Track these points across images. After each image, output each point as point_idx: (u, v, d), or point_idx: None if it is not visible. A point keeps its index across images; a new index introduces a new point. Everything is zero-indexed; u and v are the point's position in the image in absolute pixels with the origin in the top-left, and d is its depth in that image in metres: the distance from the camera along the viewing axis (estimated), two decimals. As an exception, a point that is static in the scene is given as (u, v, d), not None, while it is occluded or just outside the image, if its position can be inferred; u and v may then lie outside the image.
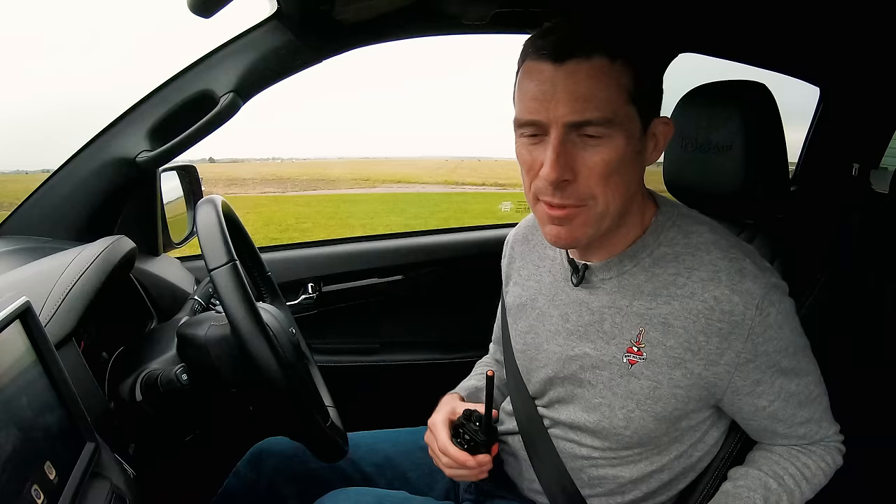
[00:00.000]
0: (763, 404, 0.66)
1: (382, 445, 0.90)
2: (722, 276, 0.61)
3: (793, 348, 0.65)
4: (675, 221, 0.66)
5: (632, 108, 0.58)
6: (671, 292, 0.63)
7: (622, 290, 0.65)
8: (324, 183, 21.23)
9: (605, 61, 0.56)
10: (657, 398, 0.65)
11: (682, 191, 0.95)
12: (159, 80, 1.04)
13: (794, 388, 0.66)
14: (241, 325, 0.65)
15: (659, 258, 0.64)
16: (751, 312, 0.61)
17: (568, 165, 0.57)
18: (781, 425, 0.68)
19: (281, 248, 1.44)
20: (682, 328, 0.62)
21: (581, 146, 0.57)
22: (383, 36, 1.15)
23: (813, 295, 0.79)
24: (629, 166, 0.59)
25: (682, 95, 0.92)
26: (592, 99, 0.55)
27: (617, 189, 0.59)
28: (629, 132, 0.58)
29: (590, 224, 0.60)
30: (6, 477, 0.44)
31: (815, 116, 1.73)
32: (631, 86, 0.57)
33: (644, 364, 0.64)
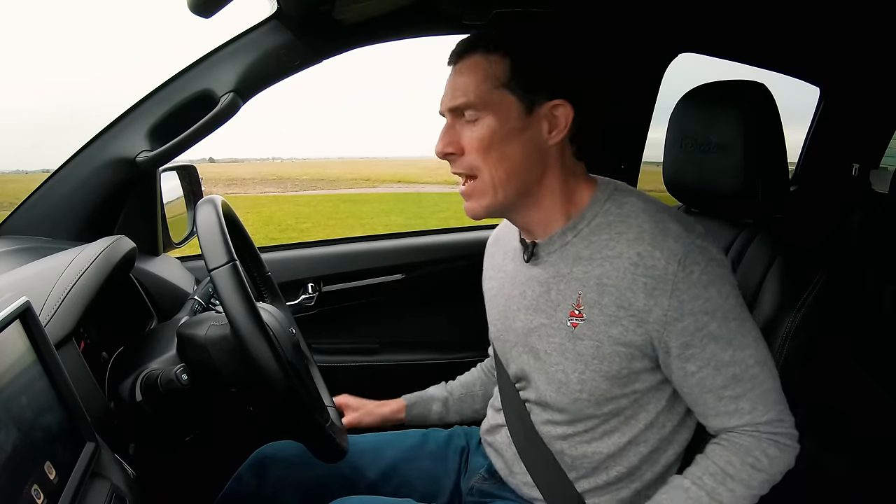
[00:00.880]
0: (692, 369, 0.67)
1: (387, 451, 0.90)
2: (646, 236, 0.66)
3: (722, 313, 0.65)
4: (609, 195, 0.72)
5: (505, 93, 0.67)
6: (603, 255, 0.68)
7: (564, 260, 0.72)
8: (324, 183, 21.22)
9: (479, 58, 0.68)
10: (602, 357, 0.68)
11: (681, 191, 0.95)
12: (159, 81, 1.04)
13: (726, 359, 0.66)
14: (241, 325, 0.65)
15: (595, 227, 0.70)
16: (673, 268, 0.64)
17: (452, 142, 0.70)
18: (711, 396, 0.67)
19: (281, 248, 1.44)
20: (613, 286, 0.67)
21: (464, 127, 0.69)
22: (383, 36, 1.15)
23: (812, 295, 0.79)
24: (509, 142, 0.68)
25: (682, 95, 0.92)
26: (463, 87, 0.68)
27: (499, 162, 0.68)
28: (503, 112, 0.67)
29: (484, 194, 0.70)
30: (6, 477, 0.44)
31: (815, 116, 1.73)
32: (504, 75, 0.67)
33: (585, 325, 0.69)
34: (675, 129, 0.92)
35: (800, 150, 1.83)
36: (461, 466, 0.89)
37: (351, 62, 32.96)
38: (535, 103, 0.68)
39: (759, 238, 0.85)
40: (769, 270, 0.81)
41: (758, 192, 0.82)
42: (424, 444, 0.91)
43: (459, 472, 0.89)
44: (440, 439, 0.92)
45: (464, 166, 0.70)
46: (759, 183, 0.81)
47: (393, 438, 0.93)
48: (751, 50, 1.46)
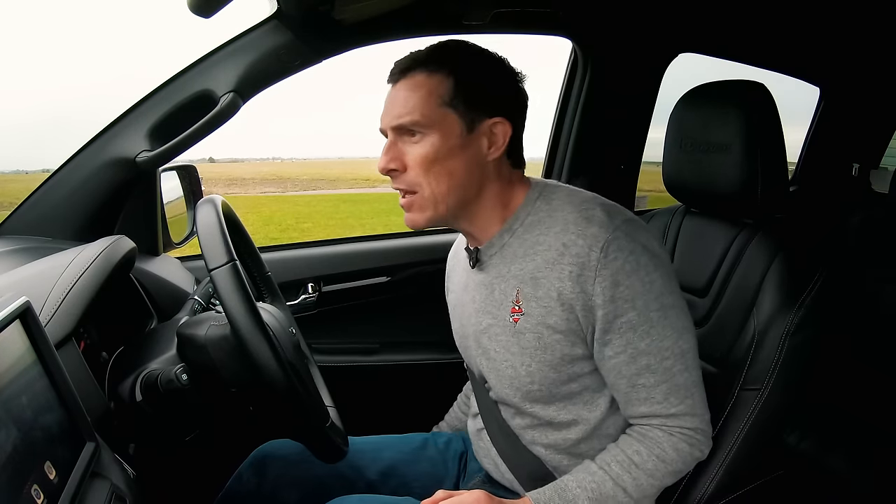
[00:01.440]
0: (609, 353, 0.68)
1: (387, 452, 0.90)
2: (570, 226, 0.68)
3: (643, 302, 0.66)
4: (540, 193, 0.74)
5: (448, 111, 0.69)
6: (535, 250, 0.71)
7: (503, 260, 0.74)
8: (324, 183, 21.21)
9: (422, 77, 0.69)
10: (544, 347, 0.70)
11: (681, 191, 0.95)
12: (159, 81, 1.04)
13: (643, 347, 0.67)
14: (241, 325, 0.65)
15: (528, 226, 0.72)
16: (595, 254, 0.66)
17: (395, 159, 0.70)
18: (624, 383, 0.69)
19: (281, 248, 1.43)
20: (544, 279, 0.69)
21: (407, 144, 0.70)
22: (383, 36, 1.15)
23: (812, 294, 0.79)
24: (451, 159, 0.69)
25: (682, 95, 0.92)
26: (405, 106, 0.69)
27: (440, 177, 0.69)
28: (445, 130, 0.69)
29: (424, 208, 0.71)
30: (6, 477, 0.44)
31: (815, 116, 1.73)
32: (447, 93, 0.68)
33: (524, 319, 0.71)
34: (675, 129, 0.92)
35: (800, 150, 1.83)
36: (460, 470, 0.90)
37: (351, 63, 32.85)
38: (475, 121, 0.70)
39: (758, 238, 0.85)
40: (769, 270, 0.81)
41: (758, 192, 0.82)
42: (424, 448, 0.92)
43: (458, 476, 0.89)
44: (440, 444, 0.92)
45: (406, 182, 0.71)
46: (759, 183, 0.81)
47: (393, 441, 0.93)
48: (751, 50, 1.46)
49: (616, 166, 1.49)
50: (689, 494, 0.80)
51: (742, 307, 0.83)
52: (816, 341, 0.80)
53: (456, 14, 1.13)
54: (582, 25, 1.35)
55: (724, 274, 0.87)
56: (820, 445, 1.21)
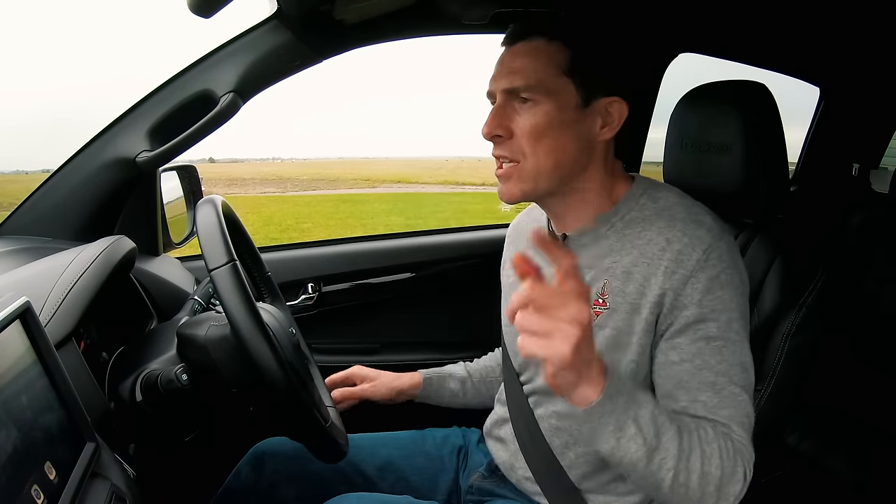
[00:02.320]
0: (674, 359, 0.64)
1: (384, 449, 0.91)
2: (677, 223, 0.66)
3: (727, 317, 0.63)
4: (645, 190, 0.72)
5: (566, 80, 0.66)
6: (634, 244, 0.67)
7: (595, 252, 0.70)
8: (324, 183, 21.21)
9: (541, 42, 0.66)
10: (619, 346, 0.67)
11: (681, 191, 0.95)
12: (159, 81, 1.04)
13: (713, 363, 0.62)
14: (241, 325, 0.65)
15: (630, 221, 0.69)
16: (697, 255, 0.63)
17: (503, 125, 0.67)
18: (684, 396, 0.63)
19: (281, 248, 1.43)
20: (638, 273, 0.66)
21: (518, 110, 0.67)
22: (383, 36, 1.15)
23: (812, 294, 0.79)
24: (563, 132, 0.66)
25: (682, 95, 0.92)
26: (523, 70, 0.66)
27: (549, 150, 0.66)
28: (561, 101, 0.66)
29: (524, 179, 0.68)
30: (6, 477, 0.44)
31: (815, 116, 1.73)
32: (565, 62, 0.66)
33: (607, 314, 0.68)
34: (675, 130, 0.92)
35: (800, 150, 1.83)
36: (459, 465, 0.90)
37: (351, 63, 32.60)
38: (592, 97, 0.67)
39: (759, 238, 0.85)
40: (769, 270, 0.81)
41: (758, 192, 0.82)
42: (422, 443, 0.92)
43: (458, 470, 0.89)
44: (437, 439, 0.92)
45: (511, 150, 0.68)
46: (760, 183, 0.81)
47: (391, 437, 0.93)
48: (751, 50, 1.46)
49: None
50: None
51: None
52: (817, 341, 0.80)
53: (456, 14, 1.13)
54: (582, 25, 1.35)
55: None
56: (820, 446, 1.20)
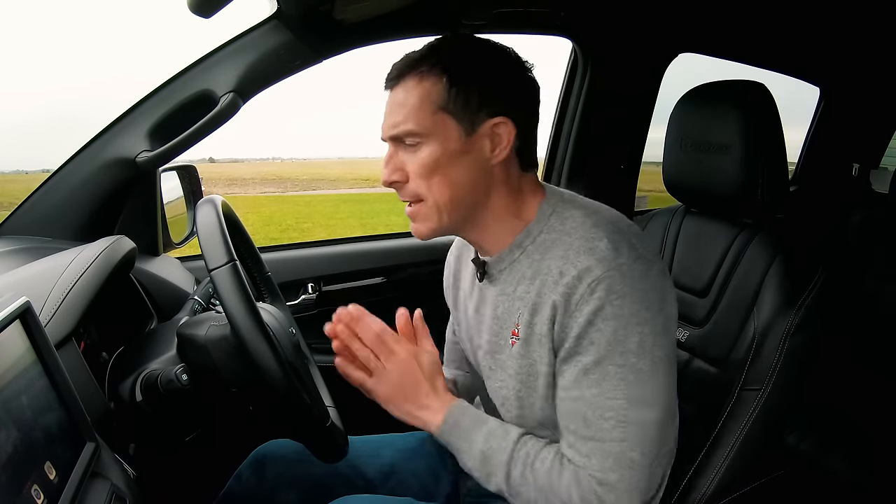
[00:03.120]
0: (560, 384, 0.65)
1: (385, 451, 0.90)
2: (570, 253, 0.64)
3: (606, 351, 0.60)
4: (555, 208, 0.69)
5: (442, 116, 0.65)
6: (539, 274, 0.67)
7: (511, 278, 0.70)
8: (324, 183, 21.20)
9: (413, 80, 0.66)
10: (535, 375, 0.67)
11: (681, 191, 0.95)
12: (159, 81, 1.04)
13: (587, 395, 0.62)
14: (241, 325, 0.65)
15: (540, 244, 0.68)
16: (582, 288, 0.61)
17: (398, 169, 0.68)
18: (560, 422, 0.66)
19: (281, 248, 1.43)
20: (542, 305, 0.65)
21: (406, 153, 0.67)
22: (383, 36, 1.15)
23: (812, 295, 0.79)
24: (452, 166, 0.66)
25: (682, 95, 0.92)
26: (399, 114, 0.66)
27: (442, 186, 0.66)
28: (442, 137, 0.65)
29: (430, 218, 0.68)
30: (6, 477, 0.44)
31: (815, 116, 1.73)
32: (440, 97, 0.65)
33: (520, 344, 0.68)
34: (675, 129, 0.92)
35: (800, 150, 1.83)
36: (458, 468, 0.90)
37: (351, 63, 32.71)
38: (475, 123, 0.65)
39: (758, 238, 0.85)
40: (769, 270, 0.81)
41: (758, 192, 0.82)
42: (422, 447, 0.92)
43: (457, 474, 0.89)
44: (438, 442, 0.92)
45: (409, 193, 0.68)
46: (759, 183, 0.81)
47: (391, 440, 0.93)
48: (751, 50, 1.46)
49: (616, 166, 1.49)
50: (689, 494, 0.80)
51: (742, 307, 0.83)
52: (817, 341, 0.80)
53: (456, 14, 1.13)
54: (582, 26, 1.35)
55: (724, 274, 0.87)
56: (820, 446, 1.21)
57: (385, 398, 0.71)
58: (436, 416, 0.70)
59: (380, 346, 0.71)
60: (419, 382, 0.70)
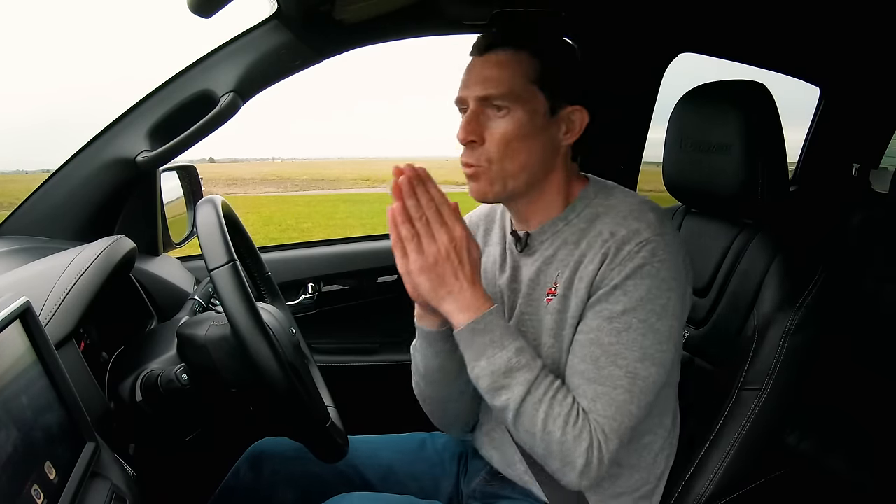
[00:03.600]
0: (580, 328, 0.69)
1: (384, 453, 0.90)
2: (620, 218, 0.70)
3: (634, 306, 0.65)
4: (600, 190, 0.75)
5: (535, 89, 0.69)
6: (585, 238, 0.71)
7: (550, 246, 0.75)
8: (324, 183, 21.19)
9: (510, 53, 0.69)
10: (563, 325, 0.71)
11: (681, 191, 0.95)
12: (160, 81, 1.04)
13: (605, 341, 0.66)
14: (241, 325, 0.65)
15: (584, 217, 0.73)
16: (629, 247, 0.67)
17: (476, 131, 0.69)
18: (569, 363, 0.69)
19: (281, 248, 1.44)
20: (585, 262, 0.70)
21: (490, 117, 0.70)
22: (383, 36, 1.15)
23: (812, 294, 0.79)
24: (532, 139, 0.70)
25: (682, 95, 0.92)
26: (495, 80, 0.69)
27: (516, 155, 0.69)
28: (531, 108, 0.69)
29: (493, 182, 0.71)
30: (6, 477, 0.44)
31: (815, 116, 1.73)
32: (533, 73, 0.69)
33: (557, 300, 0.72)
34: (675, 130, 0.92)
35: (800, 150, 1.83)
36: (460, 470, 0.90)
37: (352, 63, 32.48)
38: (558, 105, 0.71)
39: (758, 238, 0.85)
40: (769, 270, 0.81)
41: (758, 192, 0.82)
42: (422, 449, 0.91)
43: (458, 475, 0.89)
44: (438, 445, 0.92)
45: (481, 156, 0.70)
46: (759, 183, 0.81)
47: (391, 441, 0.93)
48: (751, 50, 1.46)
49: (616, 166, 1.49)
50: (688, 494, 0.80)
51: (742, 307, 0.83)
52: (816, 341, 0.80)
53: (456, 14, 1.13)
54: (582, 25, 1.35)
55: (724, 274, 0.87)
56: (820, 446, 1.21)
57: (421, 268, 0.65)
58: (465, 312, 0.66)
59: (436, 215, 0.65)
60: (461, 268, 0.66)
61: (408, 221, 0.65)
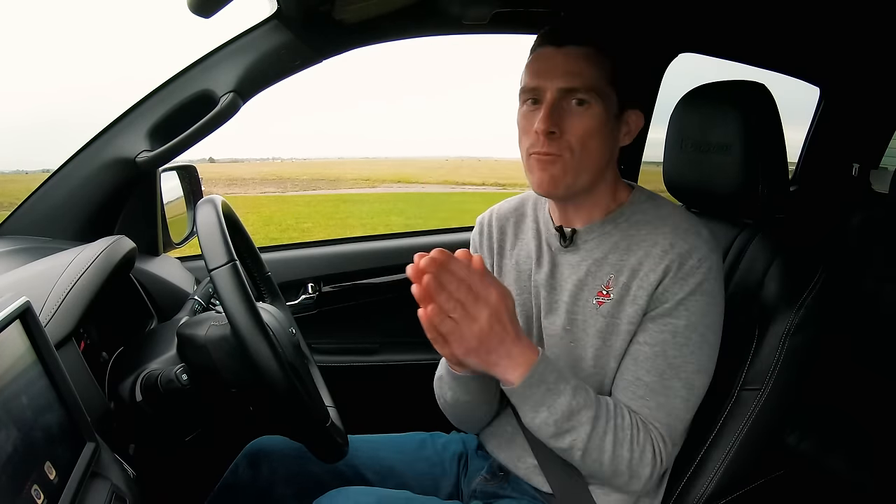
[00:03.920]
0: (640, 339, 0.71)
1: (384, 452, 0.90)
2: (680, 231, 0.72)
3: (696, 321, 0.69)
4: (649, 197, 0.78)
5: (612, 89, 0.71)
6: (640, 246, 0.73)
7: (601, 247, 0.76)
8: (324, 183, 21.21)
9: (592, 50, 0.71)
10: (616, 333, 0.73)
11: (681, 191, 0.95)
12: (160, 81, 1.04)
13: (670, 354, 0.70)
14: (241, 325, 0.65)
15: (634, 222, 0.75)
16: (692, 261, 0.70)
17: (557, 123, 0.70)
18: (631, 371, 0.71)
19: (281, 248, 1.44)
20: (642, 271, 0.72)
21: (569, 110, 0.71)
22: (383, 36, 1.15)
23: (812, 295, 0.79)
24: (603, 137, 0.72)
25: (682, 95, 0.92)
26: (580, 74, 0.70)
27: (592, 151, 0.71)
28: (607, 106, 0.71)
29: (568, 172, 0.71)
30: (6, 477, 0.44)
31: (815, 116, 1.73)
32: (611, 72, 0.71)
33: (609, 304, 0.73)
34: (675, 130, 0.92)
35: (800, 150, 1.83)
36: (460, 470, 0.90)
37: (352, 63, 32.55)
38: (624, 107, 0.73)
39: (759, 238, 0.85)
40: (769, 270, 0.81)
41: (758, 192, 0.82)
42: (422, 449, 0.91)
43: (458, 475, 0.89)
44: (438, 445, 0.92)
45: (560, 148, 0.71)
46: (759, 183, 0.81)
47: (391, 440, 0.93)
48: (751, 50, 1.46)
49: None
50: (688, 494, 0.80)
51: (743, 307, 0.83)
52: (816, 341, 0.80)
53: (456, 14, 1.13)
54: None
55: (724, 274, 0.87)
56: (820, 446, 1.21)
57: (468, 350, 0.63)
58: (517, 370, 0.65)
59: (468, 295, 0.61)
60: (506, 329, 0.63)
61: (443, 314, 0.61)
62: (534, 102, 0.73)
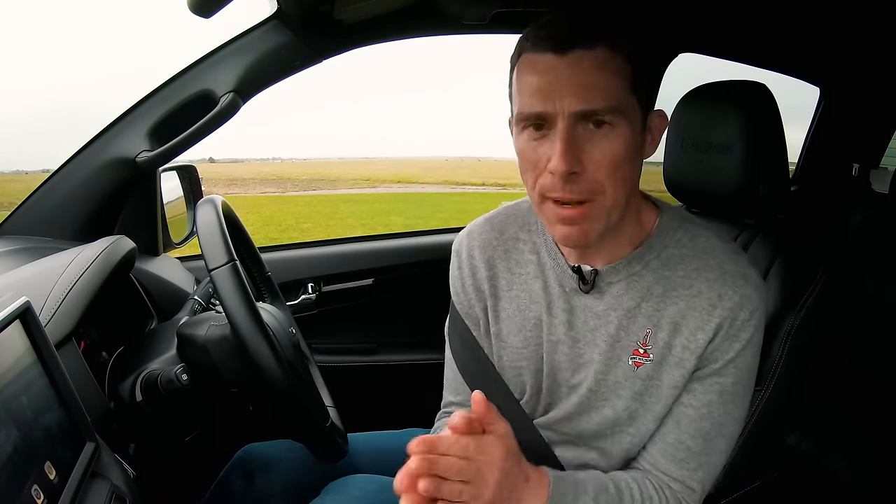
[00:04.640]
0: (684, 400, 0.63)
1: (384, 453, 0.90)
2: (727, 278, 0.61)
3: (742, 376, 0.62)
4: (680, 224, 0.65)
5: (633, 99, 0.56)
6: (680, 293, 0.61)
7: (630, 293, 0.63)
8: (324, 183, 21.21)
9: (606, 52, 0.54)
10: (658, 398, 0.63)
11: (682, 191, 0.95)
12: (159, 81, 1.04)
13: (716, 414, 0.62)
14: (241, 325, 0.65)
15: (667, 260, 0.63)
16: (744, 315, 0.60)
17: (576, 157, 0.54)
18: (674, 433, 0.63)
19: (281, 248, 1.44)
20: (686, 327, 0.61)
21: (588, 138, 0.55)
22: (383, 36, 1.15)
23: (813, 295, 0.79)
24: (632, 160, 0.57)
25: (683, 95, 0.92)
26: (598, 88, 0.53)
27: (623, 182, 0.57)
28: (633, 123, 0.56)
29: (600, 220, 0.57)
30: (6, 477, 0.44)
31: (815, 116, 1.73)
32: (631, 77, 0.56)
33: (651, 365, 0.63)
34: (676, 130, 0.92)
35: (800, 150, 1.83)
36: None
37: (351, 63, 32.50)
38: (648, 113, 0.59)
39: (759, 238, 0.85)
40: (770, 271, 0.81)
41: (758, 192, 0.82)
42: None
43: None
44: None
45: (584, 190, 0.55)
46: (760, 183, 0.81)
47: (391, 439, 0.93)
48: (751, 50, 1.46)
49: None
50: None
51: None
52: (818, 341, 0.80)
53: (456, 14, 1.13)
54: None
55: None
56: (820, 446, 1.21)
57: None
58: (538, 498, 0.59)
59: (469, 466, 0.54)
60: (517, 471, 0.57)
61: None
62: (537, 129, 0.57)
